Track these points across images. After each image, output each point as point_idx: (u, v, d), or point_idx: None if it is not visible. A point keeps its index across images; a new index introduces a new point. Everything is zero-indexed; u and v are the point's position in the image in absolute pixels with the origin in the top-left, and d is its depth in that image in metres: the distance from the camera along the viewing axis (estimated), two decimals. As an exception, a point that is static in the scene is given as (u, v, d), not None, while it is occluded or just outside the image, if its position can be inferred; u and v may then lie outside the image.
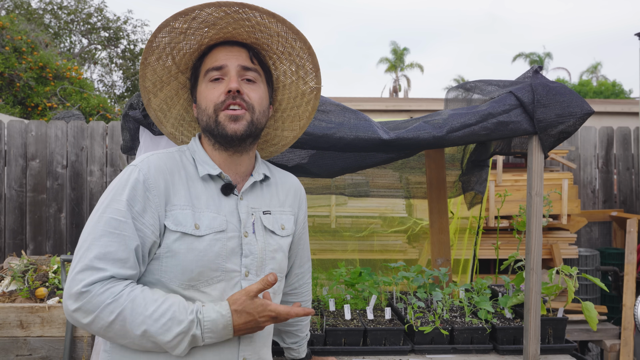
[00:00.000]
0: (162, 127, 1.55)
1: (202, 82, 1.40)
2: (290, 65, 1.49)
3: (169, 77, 1.44)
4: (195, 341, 1.24)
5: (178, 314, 1.22)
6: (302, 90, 1.54)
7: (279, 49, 1.45)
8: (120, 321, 1.19)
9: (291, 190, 1.56)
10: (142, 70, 1.41)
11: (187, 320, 1.22)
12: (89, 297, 1.18)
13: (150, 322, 1.20)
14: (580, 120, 1.89)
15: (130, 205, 1.25)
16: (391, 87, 34.02)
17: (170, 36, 1.36)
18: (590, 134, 5.05)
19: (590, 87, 26.44)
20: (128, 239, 1.24)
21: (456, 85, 2.54)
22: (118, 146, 4.79)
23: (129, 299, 1.20)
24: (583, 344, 4.17)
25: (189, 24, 1.34)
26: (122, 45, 17.90)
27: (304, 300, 1.73)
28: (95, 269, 1.19)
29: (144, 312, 1.19)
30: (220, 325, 1.25)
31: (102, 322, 1.19)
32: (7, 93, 10.36)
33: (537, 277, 1.97)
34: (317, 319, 2.22)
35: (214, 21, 1.34)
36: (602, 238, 5.00)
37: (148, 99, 1.47)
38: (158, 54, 1.39)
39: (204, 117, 1.38)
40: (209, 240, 1.31)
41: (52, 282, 3.28)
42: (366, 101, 11.56)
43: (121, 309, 1.18)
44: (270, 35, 1.41)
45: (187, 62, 1.44)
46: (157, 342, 1.21)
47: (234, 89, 1.34)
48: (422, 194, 2.90)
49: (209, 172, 1.37)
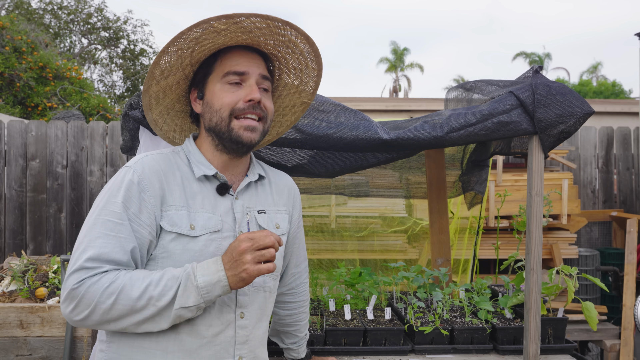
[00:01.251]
0: (149, 112, 1.52)
1: (218, 82, 1.38)
2: (295, 79, 1.53)
3: (178, 67, 1.42)
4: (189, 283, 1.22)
5: (175, 272, 1.24)
6: (294, 102, 1.58)
7: (294, 64, 1.49)
8: (122, 299, 1.19)
9: (285, 189, 1.57)
10: (159, 57, 1.38)
11: (182, 270, 1.24)
12: (85, 288, 1.18)
13: (151, 289, 1.20)
14: (580, 120, 1.89)
15: (126, 207, 1.25)
16: (391, 87, 34.02)
17: (203, 32, 1.34)
18: (590, 134, 5.05)
19: (590, 87, 26.43)
20: (124, 241, 1.24)
21: (456, 85, 2.53)
22: (118, 146, 4.79)
23: (126, 277, 1.21)
24: (583, 344, 4.17)
25: (228, 27, 1.33)
26: (122, 45, 17.91)
27: (301, 299, 1.74)
28: (88, 268, 1.20)
29: (143, 283, 1.20)
30: (211, 261, 1.25)
31: (102, 306, 1.19)
32: (7, 93, 10.35)
33: (537, 277, 1.97)
34: (317, 319, 2.22)
35: (252, 29, 1.35)
36: (602, 238, 5.00)
37: (149, 85, 1.45)
38: (181, 45, 1.37)
39: (215, 117, 1.37)
40: (204, 240, 1.32)
41: (52, 282, 3.28)
42: (366, 101, 11.56)
43: (121, 288, 1.19)
44: (294, 53, 1.45)
45: (201, 56, 1.42)
46: (161, 306, 1.21)
47: (257, 99, 1.36)
48: (422, 194, 2.90)
49: (204, 172, 1.38)
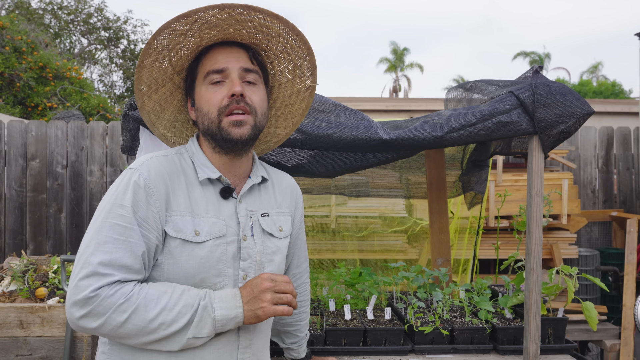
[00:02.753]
0: (154, 129, 1.52)
1: (202, 85, 1.37)
2: (288, 64, 1.48)
3: (164, 78, 1.41)
4: (206, 314, 1.23)
5: (190, 299, 1.24)
6: (298, 88, 1.53)
7: (279, 49, 1.44)
8: (134, 319, 1.18)
9: (287, 190, 1.56)
10: (138, 73, 1.38)
11: (198, 299, 1.24)
12: (99, 300, 1.16)
13: (165, 314, 1.20)
14: (580, 120, 1.89)
15: (134, 211, 1.24)
16: (391, 87, 34.03)
17: (169, 38, 1.33)
18: (590, 134, 5.05)
19: (590, 87, 26.43)
20: (135, 246, 1.22)
21: (456, 85, 2.53)
22: (118, 146, 4.79)
23: (140, 296, 1.19)
24: (583, 344, 4.17)
25: (190, 26, 1.31)
26: (122, 45, 17.91)
27: (302, 300, 1.73)
28: (102, 274, 1.18)
29: (157, 306, 1.20)
30: (229, 294, 1.27)
31: (113, 322, 1.17)
32: (7, 93, 10.35)
33: (537, 277, 1.97)
34: (317, 319, 2.22)
35: (216, 23, 1.32)
36: (602, 238, 5.00)
37: (142, 102, 1.44)
38: (155, 56, 1.36)
39: (206, 121, 1.35)
40: (209, 246, 1.30)
41: (52, 282, 3.27)
42: (366, 101, 11.56)
43: (135, 307, 1.18)
44: (272, 36, 1.40)
45: (184, 63, 1.41)
46: (173, 332, 1.21)
47: (237, 92, 1.32)
48: (422, 194, 2.89)
49: (208, 175, 1.36)
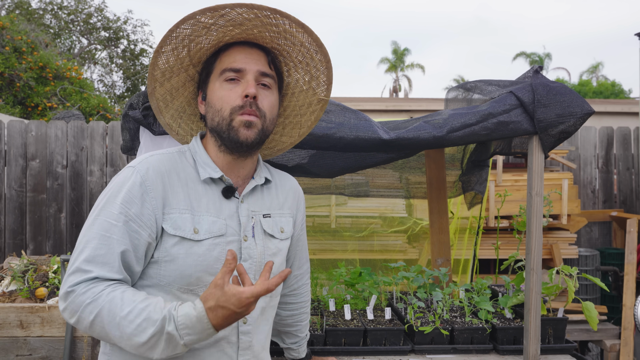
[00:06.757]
0: (161, 116, 1.51)
1: (216, 81, 1.36)
2: (304, 74, 1.47)
3: (180, 68, 1.41)
4: (173, 341, 1.14)
5: (153, 313, 1.14)
6: (310, 100, 1.52)
7: (298, 57, 1.43)
8: (99, 322, 1.16)
9: (290, 192, 1.55)
10: (155, 59, 1.37)
11: (160, 317, 1.14)
12: (73, 296, 1.17)
13: (125, 324, 1.14)
14: (580, 120, 1.89)
15: (124, 208, 1.24)
16: (391, 87, 34.03)
17: (192, 29, 1.32)
18: (590, 134, 5.05)
19: (590, 87, 26.43)
20: (115, 243, 1.22)
21: (456, 85, 2.53)
22: (118, 146, 4.79)
23: (107, 299, 1.16)
24: (583, 344, 4.17)
25: (215, 20, 1.30)
26: (122, 45, 17.92)
27: (303, 300, 1.73)
28: (83, 270, 1.19)
29: (119, 313, 1.14)
30: (194, 318, 1.13)
31: (84, 322, 1.17)
32: (7, 93, 10.36)
33: (537, 277, 1.97)
34: (317, 319, 2.22)
35: (242, 21, 1.31)
36: (602, 238, 5.00)
37: (153, 87, 1.44)
38: (175, 44, 1.35)
39: (217, 117, 1.34)
40: (208, 244, 1.29)
41: (52, 282, 3.27)
42: (366, 101, 11.56)
43: (99, 310, 1.15)
44: (294, 44, 1.39)
45: (202, 56, 1.40)
46: (133, 345, 1.15)
47: (251, 94, 1.31)
48: (422, 194, 2.89)
49: (210, 175, 1.35)
